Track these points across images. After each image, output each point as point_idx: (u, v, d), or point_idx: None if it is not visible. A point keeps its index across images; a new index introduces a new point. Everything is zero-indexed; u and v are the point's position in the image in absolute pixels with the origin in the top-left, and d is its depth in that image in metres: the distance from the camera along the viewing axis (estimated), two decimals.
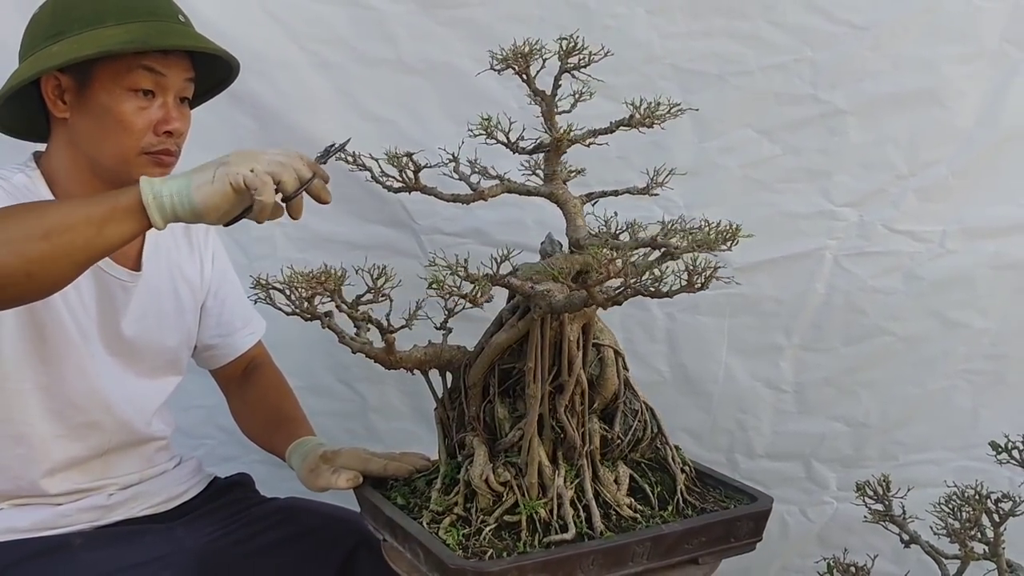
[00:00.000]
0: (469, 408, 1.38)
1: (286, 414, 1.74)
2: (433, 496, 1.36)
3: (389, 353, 1.35)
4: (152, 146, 1.45)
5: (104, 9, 1.41)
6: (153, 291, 1.60)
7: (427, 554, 1.24)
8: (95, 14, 1.41)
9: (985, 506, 1.21)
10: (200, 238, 1.72)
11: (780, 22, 1.93)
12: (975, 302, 2.05)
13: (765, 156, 2.01)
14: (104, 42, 1.38)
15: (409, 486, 1.45)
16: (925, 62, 1.93)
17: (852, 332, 2.08)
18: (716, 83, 1.97)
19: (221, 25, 1.92)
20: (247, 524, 1.64)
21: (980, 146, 1.97)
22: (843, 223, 2.02)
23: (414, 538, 1.27)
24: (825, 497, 2.21)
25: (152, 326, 1.60)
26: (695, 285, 1.14)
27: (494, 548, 1.24)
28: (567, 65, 1.34)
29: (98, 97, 1.41)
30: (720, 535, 1.35)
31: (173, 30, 1.45)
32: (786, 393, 2.14)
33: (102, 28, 1.40)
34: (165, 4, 1.49)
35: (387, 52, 1.98)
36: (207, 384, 2.11)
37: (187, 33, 1.48)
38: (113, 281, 1.53)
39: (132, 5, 1.43)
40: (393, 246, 2.07)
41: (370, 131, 2.00)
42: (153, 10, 1.45)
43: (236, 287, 1.78)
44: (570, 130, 1.35)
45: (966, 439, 2.11)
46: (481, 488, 1.31)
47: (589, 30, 1.38)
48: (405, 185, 1.37)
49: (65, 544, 1.48)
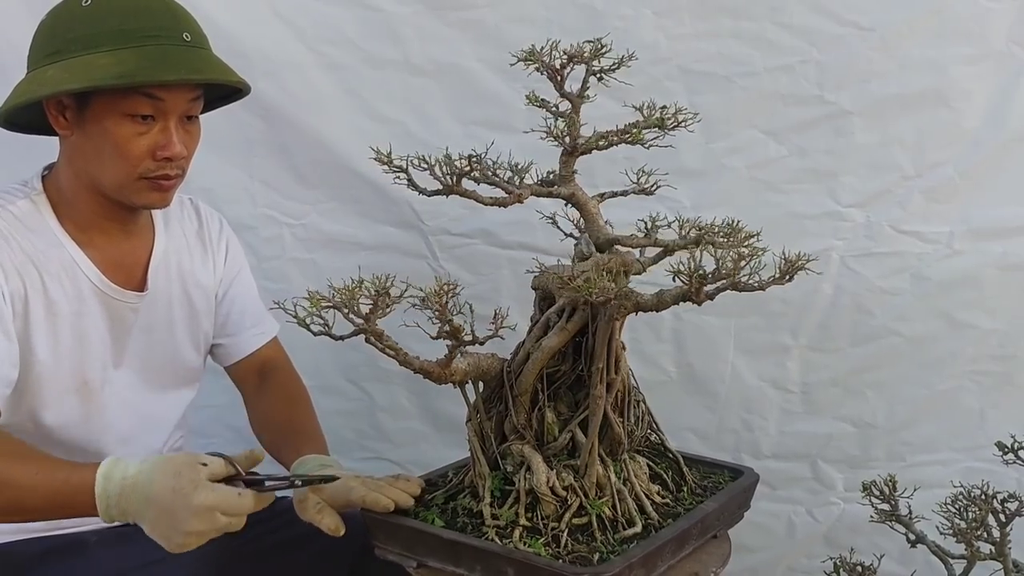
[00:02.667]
0: (518, 416, 1.36)
1: (296, 426, 1.71)
2: (486, 511, 1.30)
3: (445, 367, 1.29)
4: (150, 171, 1.41)
5: (100, 32, 1.36)
6: (164, 305, 1.59)
7: (528, 570, 1.19)
8: (90, 36, 1.36)
9: (991, 506, 1.22)
10: (214, 236, 1.70)
11: (786, 23, 1.94)
12: (982, 303, 2.05)
13: (772, 157, 2.01)
14: (94, 74, 1.33)
15: (434, 508, 1.37)
16: (932, 63, 1.93)
17: (859, 333, 2.08)
18: (723, 84, 1.97)
19: (230, 27, 1.94)
20: (257, 524, 1.61)
21: (987, 147, 1.97)
22: (850, 224, 2.02)
23: (499, 557, 1.21)
24: (832, 498, 2.20)
25: (163, 339, 1.60)
26: (785, 277, 1.19)
27: (578, 553, 1.23)
28: (593, 68, 1.34)
29: (97, 120, 1.38)
30: (734, 509, 1.43)
31: (170, 57, 1.38)
32: (793, 393, 2.14)
33: (96, 54, 1.34)
34: (169, 20, 1.41)
35: (395, 53, 1.99)
36: (217, 384, 2.12)
37: (184, 60, 1.40)
38: (121, 305, 1.52)
39: (130, 28, 1.36)
40: (401, 247, 2.08)
41: (378, 131, 2.01)
42: (153, 30, 1.38)
43: (248, 286, 1.76)
44: (600, 138, 1.34)
45: (973, 440, 2.10)
46: (547, 496, 1.29)
47: (596, 31, 1.39)
48: (445, 188, 1.30)
49: (80, 542, 1.48)
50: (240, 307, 1.74)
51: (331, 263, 2.10)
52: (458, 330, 1.21)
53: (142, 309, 1.54)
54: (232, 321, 1.74)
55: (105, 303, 1.49)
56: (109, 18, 1.36)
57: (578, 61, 1.33)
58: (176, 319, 1.61)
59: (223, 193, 2.05)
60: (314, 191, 2.08)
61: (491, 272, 2.09)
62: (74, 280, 1.46)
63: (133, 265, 1.55)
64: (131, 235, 1.54)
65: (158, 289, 1.57)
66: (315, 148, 2.03)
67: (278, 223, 2.08)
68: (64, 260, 1.45)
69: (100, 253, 1.49)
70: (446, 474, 1.48)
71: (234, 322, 1.74)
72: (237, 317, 1.74)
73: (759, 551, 2.21)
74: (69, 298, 1.45)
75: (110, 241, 1.50)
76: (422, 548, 1.28)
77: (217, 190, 2.03)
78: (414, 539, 1.29)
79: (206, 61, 1.43)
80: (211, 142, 1.99)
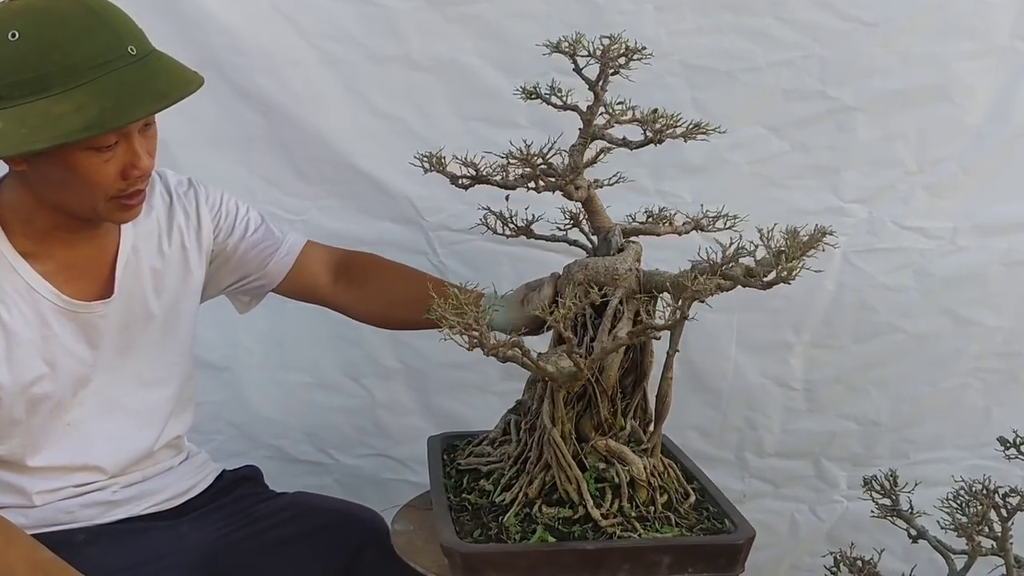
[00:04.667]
0: (603, 413, 1.35)
1: (436, 284, 1.63)
2: (594, 513, 1.26)
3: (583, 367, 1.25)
4: (121, 191, 1.35)
5: (44, 74, 1.24)
6: (138, 299, 1.52)
7: (688, 552, 1.21)
8: (35, 80, 1.24)
9: (993, 501, 1.21)
10: (189, 207, 1.59)
11: (789, 18, 1.93)
12: (987, 299, 2.04)
13: (774, 152, 2.00)
14: (56, 130, 1.23)
15: (513, 527, 1.29)
16: (935, 58, 1.92)
17: (862, 329, 2.07)
18: (725, 79, 1.96)
19: (230, 22, 1.94)
20: (254, 521, 1.61)
21: (990, 143, 1.96)
22: (852, 220, 2.01)
23: (652, 550, 1.21)
24: (835, 496, 2.20)
25: (143, 333, 1.53)
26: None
27: (700, 527, 1.28)
28: (614, 60, 1.33)
29: (58, 157, 1.28)
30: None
31: (128, 87, 1.27)
32: (796, 391, 2.13)
33: (48, 99, 1.24)
34: (110, 37, 1.28)
35: (395, 49, 1.98)
36: (216, 380, 2.13)
37: (144, 87, 1.29)
38: (89, 316, 1.45)
39: (74, 61, 1.24)
40: (401, 243, 2.08)
41: (378, 128, 2.01)
42: (99, 57, 1.26)
43: (245, 224, 1.66)
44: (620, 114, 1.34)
45: (978, 438, 2.10)
46: (645, 483, 1.30)
47: (597, 26, 1.38)
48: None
49: (68, 541, 1.44)
50: (247, 247, 1.65)
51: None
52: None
53: (111, 314, 1.48)
54: (250, 261, 1.66)
55: (72, 318, 1.43)
56: (48, 53, 1.24)
57: (612, 58, 1.32)
58: (154, 310, 1.54)
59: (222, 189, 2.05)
60: (314, 187, 2.07)
61: (491, 268, 2.09)
62: (33, 304, 1.39)
63: (98, 269, 1.48)
64: (95, 238, 1.46)
65: (128, 288, 1.50)
66: (315, 144, 2.03)
67: (279, 219, 2.05)
68: (18, 286, 1.38)
69: (59, 265, 1.42)
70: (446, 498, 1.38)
71: (252, 261, 1.66)
72: (254, 256, 1.65)
73: (762, 549, 2.20)
74: (31, 324, 1.39)
75: (71, 250, 1.43)
76: (552, 569, 1.20)
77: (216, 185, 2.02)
78: (545, 561, 1.20)
79: (164, 76, 1.33)
80: (211, 138, 2.00)
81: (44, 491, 1.47)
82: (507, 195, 1.41)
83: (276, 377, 2.17)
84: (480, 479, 1.41)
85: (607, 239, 1.38)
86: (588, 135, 1.33)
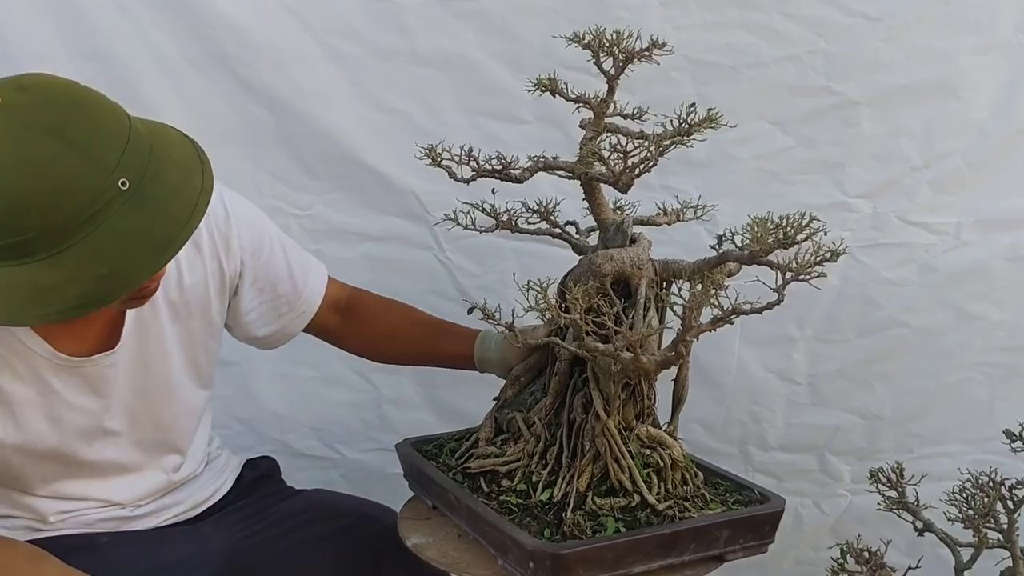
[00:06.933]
0: (646, 400, 1.37)
1: (432, 322, 1.67)
2: (650, 498, 1.31)
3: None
4: (133, 296, 1.23)
5: (26, 238, 1.03)
6: (146, 340, 1.41)
7: (743, 524, 1.30)
8: (17, 245, 1.03)
9: (999, 493, 1.21)
10: (217, 242, 1.47)
11: (794, 14, 1.93)
12: (991, 294, 2.04)
13: (779, 148, 2.00)
14: (48, 307, 1.05)
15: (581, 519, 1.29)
16: (939, 53, 1.93)
17: (866, 324, 2.08)
18: (730, 75, 1.97)
19: (237, 18, 1.94)
20: (275, 523, 1.58)
21: (995, 138, 1.96)
22: (857, 215, 2.01)
23: (715, 526, 1.28)
24: (839, 490, 2.20)
25: (161, 368, 1.44)
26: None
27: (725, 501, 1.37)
28: (638, 54, 1.36)
29: None
30: None
31: (124, 238, 1.06)
32: (799, 385, 2.14)
33: (32, 264, 1.04)
34: (97, 175, 1.04)
35: (402, 44, 1.99)
36: (222, 374, 2.11)
37: (145, 243, 1.08)
38: (93, 369, 1.35)
39: (59, 223, 1.02)
40: (407, 237, 2.08)
41: (384, 123, 2.02)
42: (86, 210, 1.04)
43: (275, 265, 1.55)
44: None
45: (982, 432, 2.10)
46: (682, 465, 1.37)
47: (602, 22, 1.39)
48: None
49: (91, 543, 1.42)
50: (271, 293, 1.56)
51: (337, 254, 2.10)
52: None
53: (120, 361, 1.37)
54: (264, 311, 1.57)
55: (73, 373, 1.33)
56: (26, 216, 1.02)
57: (635, 52, 1.35)
58: (171, 349, 1.44)
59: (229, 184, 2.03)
60: (320, 182, 2.08)
61: (497, 263, 2.09)
62: (27, 362, 1.29)
63: (104, 321, 1.35)
64: None
65: (139, 332, 1.38)
66: (321, 139, 2.03)
67: (284, 214, 2.08)
68: (11, 344, 1.27)
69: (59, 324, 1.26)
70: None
71: (267, 311, 1.57)
72: (268, 304, 1.57)
73: None
74: (27, 382, 1.30)
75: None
76: (635, 557, 1.23)
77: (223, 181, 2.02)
78: (629, 551, 1.22)
79: (163, 210, 1.09)
80: (217, 133, 2.00)
81: (59, 511, 1.44)
82: (492, 188, 1.42)
83: (283, 372, 2.18)
84: (500, 479, 1.39)
85: (621, 230, 1.39)
86: (601, 127, 1.33)
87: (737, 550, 1.31)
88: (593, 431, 1.33)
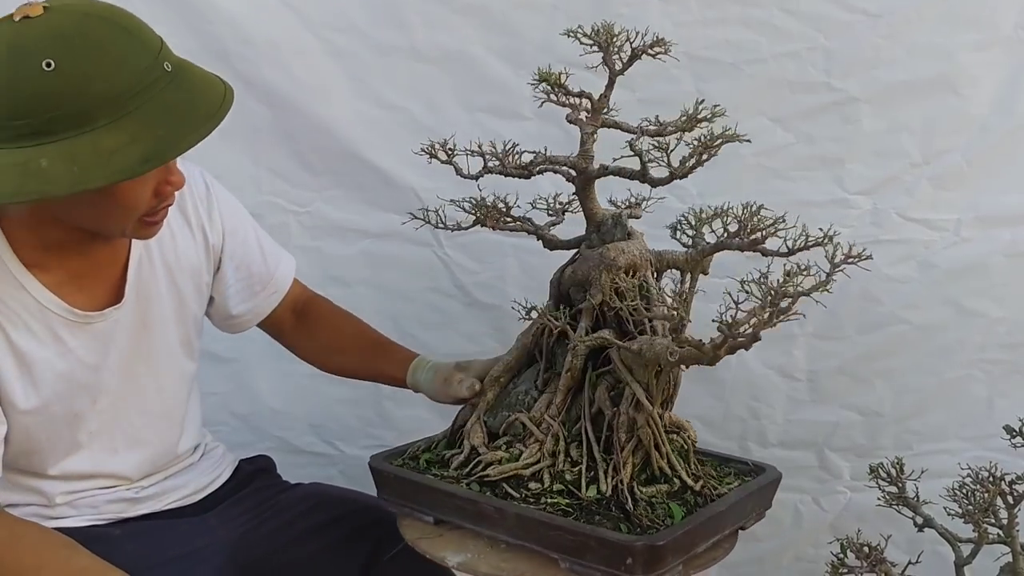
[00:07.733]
0: (670, 387, 1.41)
1: (375, 339, 1.70)
2: (690, 481, 1.36)
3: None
4: (152, 209, 1.30)
5: (90, 106, 1.15)
6: (155, 299, 1.49)
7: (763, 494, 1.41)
8: (81, 112, 1.15)
9: (999, 488, 1.21)
10: (201, 209, 1.54)
11: (794, 10, 1.93)
12: (991, 291, 2.04)
13: (779, 144, 2.00)
14: (113, 165, 1.15)
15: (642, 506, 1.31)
16: (939, 50, 1.92)
17: (866, 320, 2.08)
18: (730, 71, 1.97)
19: (236, 13, 1.94)
20: (277, 513, 1.61)
21: (995, 134, 1.96)
22: (857, 211, 2.01)
23: (746, 501, 1.37)
24: (838, 486, 2.20)
25: (157, 333, 1.50)
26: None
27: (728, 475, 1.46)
28: (646, 49, 1.36)
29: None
30: None
31: (177, 112, 1.20)
32: (799, 381, 2.14)
33: (95, 132, 1.15)
34: (146, 57, 1.20)
35: (401, 40, 1.99)
36: (220, 371, 2.13)
37: (191, 110, 1.22)
38: (102, 324, 1.41)
39: (118, 90, 1.16)
40: (406, 234, 2.07)
41: (384, 119, 2.02)
42: (141, 82, 1.18)
43: (250, 247, 1.63)
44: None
45: (981, 429, 2.10)
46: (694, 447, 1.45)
47: (603, 18, 1.39)
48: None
49: (105, 535, 1.45)
50: (246, 271, 1.63)
51: (337, 251, 2.10)
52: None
53: (124, 318, 1.44)
54: (240, 288, 1.63)
55: (85, 329, 1.39)
56: (90, 84, 1.15)
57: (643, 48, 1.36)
58: (167, 308, 1.51)
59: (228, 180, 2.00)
60: (319, 178, 2.08)
61: (496, 260, 2.09)
62: (44, 321, 1.35)
63: (109, 274, 1.43)
64: (107, 244, 1.41)
65: (141, 289, 1.46)
66: (320, 135, 2.03)
67: (283, 211, 2.08)
68: (27, 303, 1.33)
69: (69, 275, 1.37)
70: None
71: (242, 288, 1.63)
72: (243, 283, 1.63)
73: (765, 540, 2.21)
74: (43, 342, 1.35)
75: (82, 258, 1.38)
76: (707, 538, 1.30)
77: (222, 177, 1.99)
78: (704, 535, 1.29)
79: (200, 93, 1.25)
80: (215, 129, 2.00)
81: (66, 492, 1.47)
82: (477, 183, 1.41)
83: (281, 368, 2.17)
84: (527, 483, 1.35)
85: (620, 224, 1.39)
86: (599, 122, 1.33)
87: (752, 519, 1.40)
88: (633, 422, 1.33)
